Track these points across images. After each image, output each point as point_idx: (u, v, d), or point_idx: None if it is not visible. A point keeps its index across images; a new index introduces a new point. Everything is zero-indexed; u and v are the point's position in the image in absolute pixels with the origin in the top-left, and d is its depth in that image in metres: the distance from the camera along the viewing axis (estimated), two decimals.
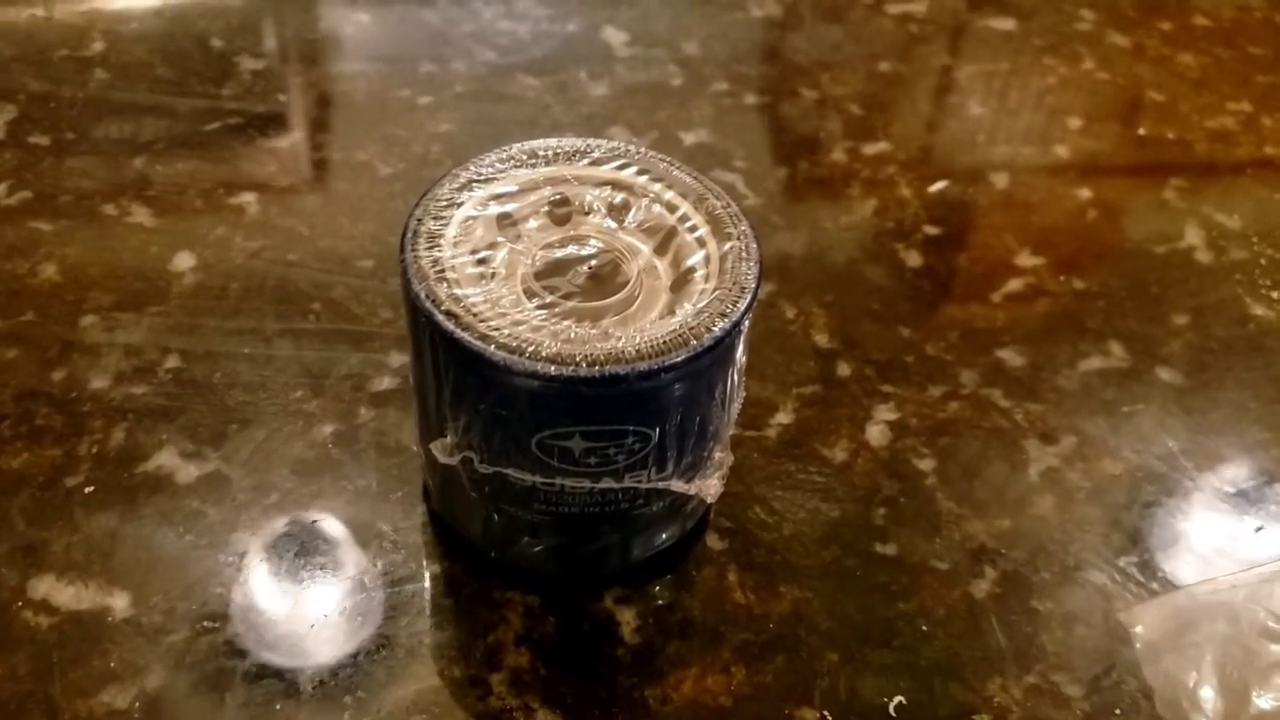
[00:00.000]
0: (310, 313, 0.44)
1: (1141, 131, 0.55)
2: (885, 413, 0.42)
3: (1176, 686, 0.31)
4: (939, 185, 0.51)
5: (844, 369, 0.43)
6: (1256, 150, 0.55)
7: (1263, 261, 0.49)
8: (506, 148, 0.35)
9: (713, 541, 0.38)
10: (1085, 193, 0.52)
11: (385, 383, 0.42)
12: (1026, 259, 0.48)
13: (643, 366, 0.29)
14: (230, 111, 0.53)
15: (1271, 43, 0.61)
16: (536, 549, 0.35)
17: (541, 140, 0.35)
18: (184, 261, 0.46)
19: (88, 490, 0.38)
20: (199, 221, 0.47)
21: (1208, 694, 0.31)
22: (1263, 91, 0.58)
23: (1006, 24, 0.61)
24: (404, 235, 0.32)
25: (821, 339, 0.44)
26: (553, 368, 0.29)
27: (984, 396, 0.43)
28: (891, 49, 0.59)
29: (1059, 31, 0.61)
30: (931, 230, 0.49)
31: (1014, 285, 0.47)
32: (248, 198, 0.49)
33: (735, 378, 0.32)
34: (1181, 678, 0.31)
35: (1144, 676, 0.33)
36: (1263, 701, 0.30)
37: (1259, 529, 0.39)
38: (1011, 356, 0.44)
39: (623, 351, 0.29)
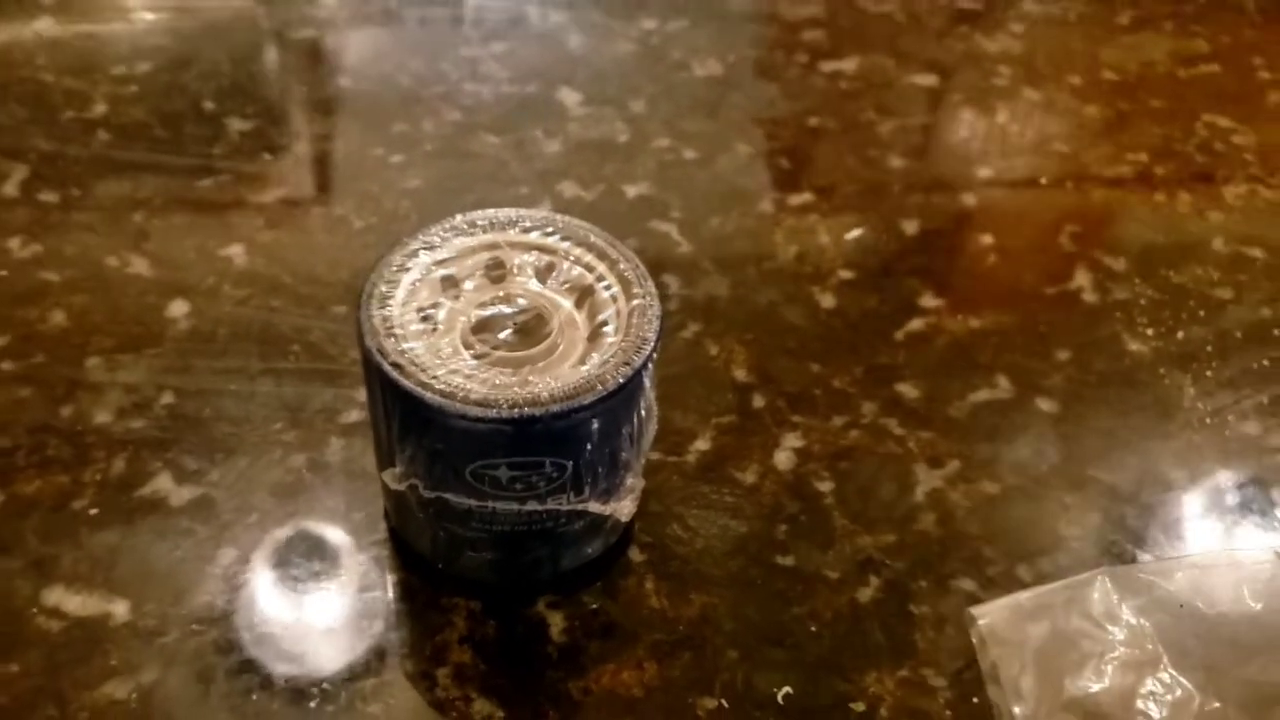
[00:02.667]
0: (290, 353, 0.50)
1: (1044, 180, 0.61)
2: (793, 440, 0.48)
3: (1003, 675, 0.36)
4: (855, 233, 0.57)
5: (759, 400, 0.49)
6: (1148, 197, 0.60)
7: (1142, 301, 0.54)
8: (451, 218, 0.40)
9: (634, 554, 0.44)
10: (988, 238, 0.57)
11: (354, 415, 0.47)
12: (929, 300, 0.54)
13: (556, 408, 0.35)
14: (221, 169, 0.59)
15: (1170, 94, 0.67)
16: (477, 562, 0.41)
17: (480, 211, 0.41)
18: (178, 308, 0.52)
19: (92, 512, 0.44)
20: (192, 271, 0.53)
21: (1027, 682, 0.36)
22: (1159, 141, 0.64)
23: (929, 80, 0.67)
24: (360, 296, 0.37)
25: (740, 373, 0.50)
26: (480, 410, 0.34)
27: (881, 425, 0.48)
28: (822, 105, 0.65)
29: (978, 87, 0.66)
30: (845, 274, 0.55)
31: (916, 324, 0.53)
32: (236, 249, 0.54)
33: (642, 414, 0.38)
34: (1008, 668, 0.36)
35: (980, 663, 0.38)
36: (1074, 689, 0.36)
37: (1113, 543, 0.45)
38: (909, 389, 0.50)
39: (539, 396, 0.35)
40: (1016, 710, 0.36)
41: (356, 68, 0.66)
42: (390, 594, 0.42)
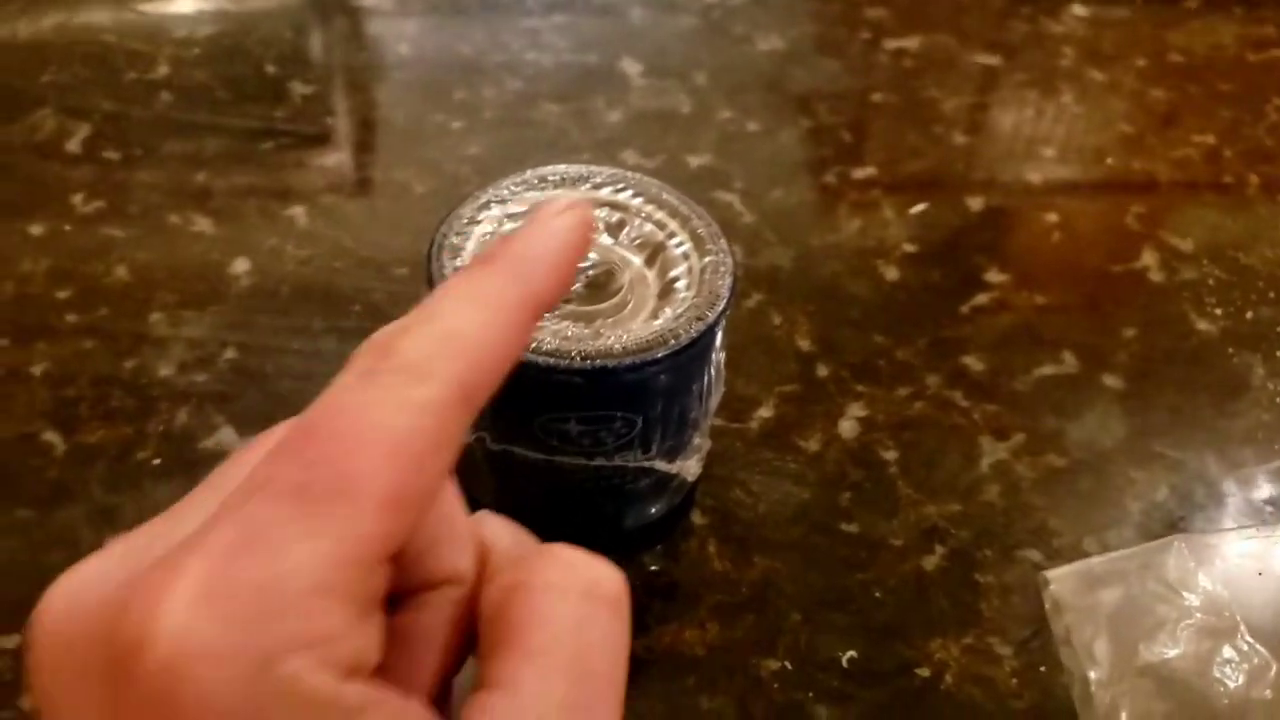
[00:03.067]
0: (352, 313, 0.50)
1: (1110, 161, 0.60)
2: (857, 409, 0.47)
3: (1076, 639, 0.36)
4: (919, 207, 0.56)
5: (822, 370, 0.49)
6: (1215, 179, 0.59)
7: (1210, 281, 0.54)
8: (521, 173, 0.40)
9: (697, 518, 0.43)
10: (1052, 216, 0.57)
11: None
12: (994, 275, 0.53)
13: (628, 361, 0.34)
14: (283, 132, 0.59)
15: (1239, 78, 0.66)
16: (540, 519, 0.40)
17: (551, 166, 0.40)
18: (241, 266, 0.52)
19: (155, 463, 0.44)
20: (254, 231, 0.53)
21: (1101, 647, 0.36)
22: (1226, 125, 0.63)
23: (993, 59, 0.66)
24: (430, 248, 0.37)
25: (804, 343, 0.50)
26: (553, 360, 0.34)
27: (946, 397, 0.48)
28: (885, 81, 0.64)
29: (1041, 67, 0.66)
30: (910, 248, 0.54)
31: (981, 299, 0.52)
32: (298, 210, 0.55)
33: (712, 374, 0.38)
34: (1080, 632, 0.36)
35: (1051, 629, 0.38)
36: (1149, 655, 0.35)
37: (1181, 518, 0.44)
38: (974, 362, 0.49)
39: (611, 348, 0.34)
40: (1091, 674, 0.35)
41: (417, 36, 0.66)
42: None
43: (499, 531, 0.24)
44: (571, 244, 0.24)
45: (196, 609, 0.17)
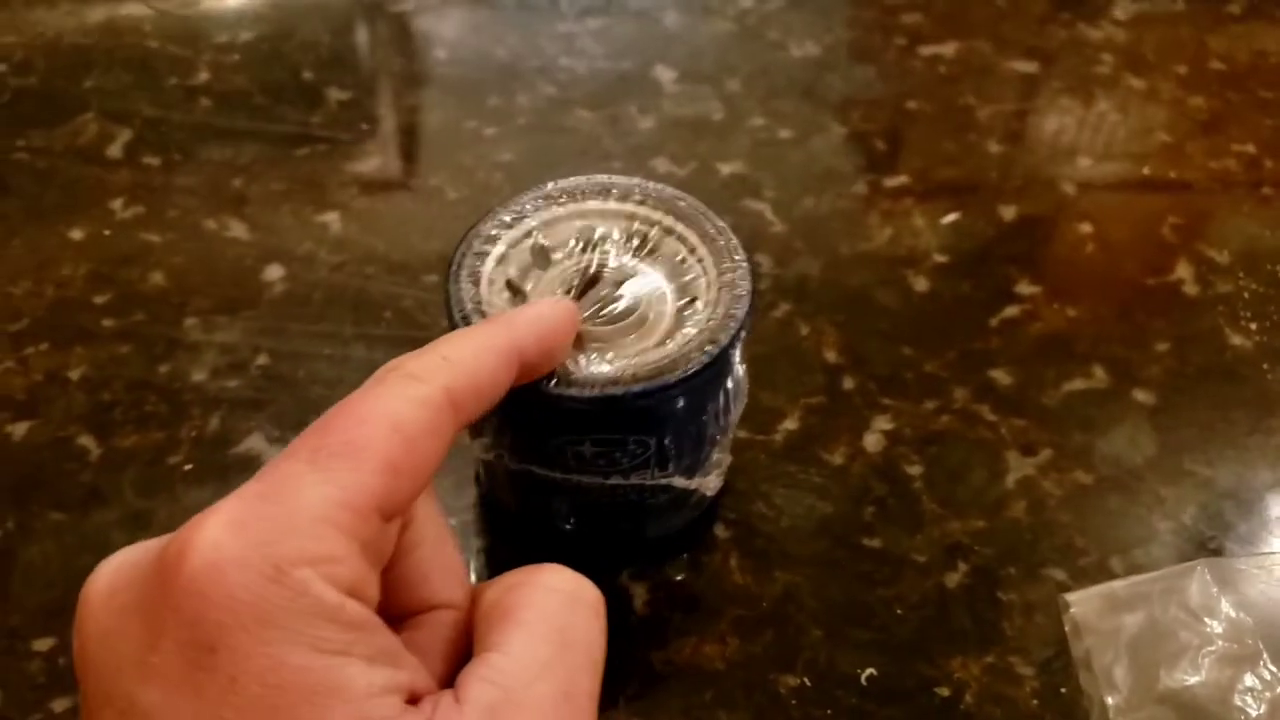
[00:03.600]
0: (382, 320, 0.51)
1: (1147, 170, 0.60)
2: (883, 423, 0.47)
3: (1096, 663, 0.36)
4: (951, 217, 0.56)
5: (849, 382, 0.49)
6: (1254, 190, 0.59)
7: (1246, 295, 0.53)
8: (541, 187, 0.40)
9: (719, 531, 0.43)
10: (1086, 227, 0.56)
11: None
12: (1025, 287, 0.53)
13: (638, 388, 0.34)
14: (319, 138, 0.59)
15: None
16: (561, 531, 0.41)
17: (571, 179, 0.40)
18: (274, 272, 0.52)
19: (187, 468, 0.45)
20: (288, 237, 0.54)
21: (1121, 672, 0.35)
22: (1269, 134, 0.62)
23: (1030, 66, 0.66)
24: (449, 268, 0.37)
25: (831, 354, 0.50)
26: (563, 389, 0.34)
27: (973, 411, 0.48)
28: (920, 89, 0.64)
29: (1078, 74, 0.65)
30: (940, 258, 0.54)
31: (1011, 311, 0.52)
32: (331, 216, 0.55)
33: (730, 392, 0.38)
34: (1101, 656, 0.36)
35: (1071, 652, 0.38)
36: (1170, 681, 0.35)
37: (1210, 538, 0.43)
38: (1002, 376, 0.49)
39: (622, 375, 0.34)
40: (1109, 700, 0.35)
41: (453, 41, 0.66)
42: (476, 561, 0.43)
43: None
44: (557, 320, 0.31)
45: (225, 530, 0.22)
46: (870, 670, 0.40)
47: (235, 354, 0.49)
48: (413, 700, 0.23)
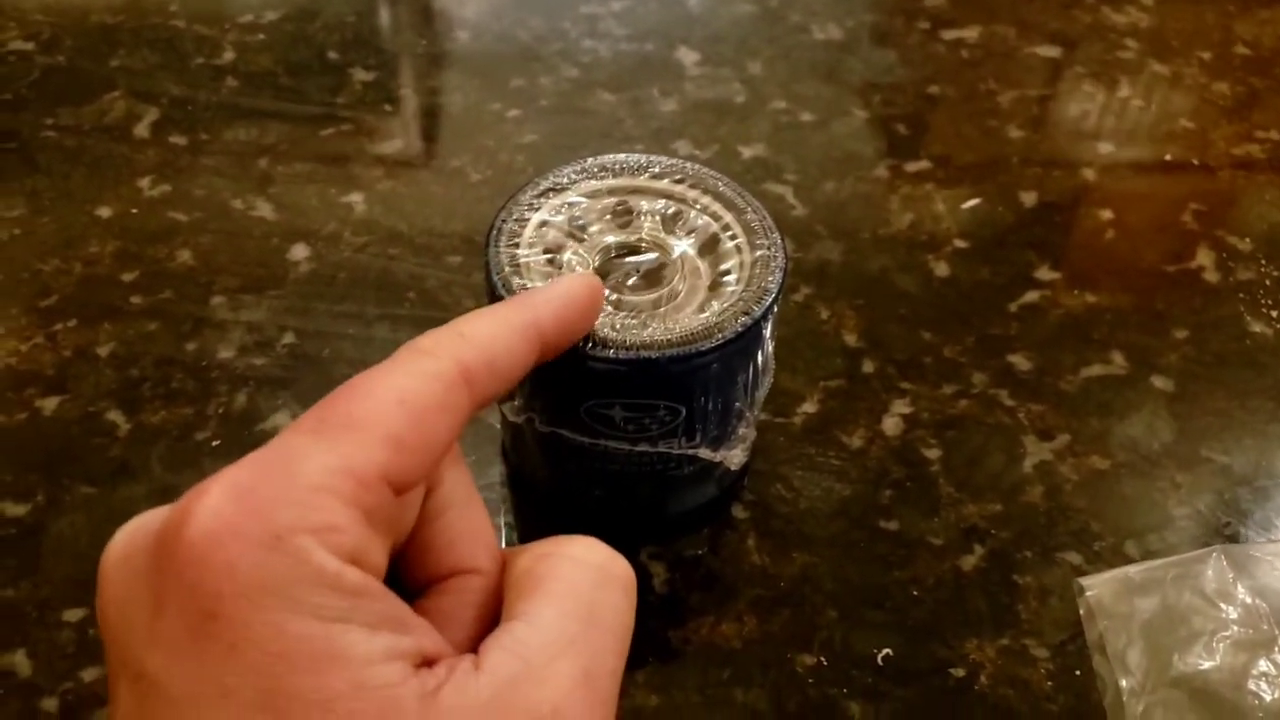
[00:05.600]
0: (406, 300, 0.51)
1: (1169, 156, 0.60)
2: (901, 406, 0.47)
3: (1110, 647, 0.36)
4: (971, 202, 0.56)
5: (868, 366, 0.49)
6: (1277, 176, 0.59)
7: (1267, 282, 0.53)
8: (581, 161, 0.41)
9: (737, 511, 0.44)
10: (1107, 213, 0.56)
11: None
12: (1045, 273, 0.53)
13: (672, 353, 0.35)
14: (343, 119, 0.60)
15: None
16: (586, 502, 0.41)
17: (610, 155, 0.41)
18: (300, 252, 0.53)
19: (214, 444, 0.46)
20: (313, 217, 0.55)
21: (1135, 656, 0.36)
22: None
23: (1053, 51, 0.66)
24: (489, 233, 0.38)
25: (850, 338, 0.50)
26: (599, 350, 0.35)
27: (991, 395, 0.48)
28: (942, 73, 0.64)
29: (1102, 60, 0.65)
30: (960, 244, 0.54)
31: (1030, 296, 0.52)
32: (356, 197, 0.56)
33: (759, 366, 0.38)
34: (1115, 640, 0.36)
35: (1086, 635, 0.38)
36: (1183, 665, 0.35)
37: (1226, 525, 0.44)
38: (1020, 361, 0.49)
39: (657, 339, 0.35)
40: (1123, 683, 0.36)
41: (476, 23, 0.66)
42: (501, 538, 0.43)
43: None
44: (578, 297, 0.31)
45: (225, 498, 0.22)
46: (886, 650, 0.40)
47: (261, 332, 0.50)
48: (427, 664, 0.23)
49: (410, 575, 0.27)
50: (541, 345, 0.30)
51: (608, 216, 0.40)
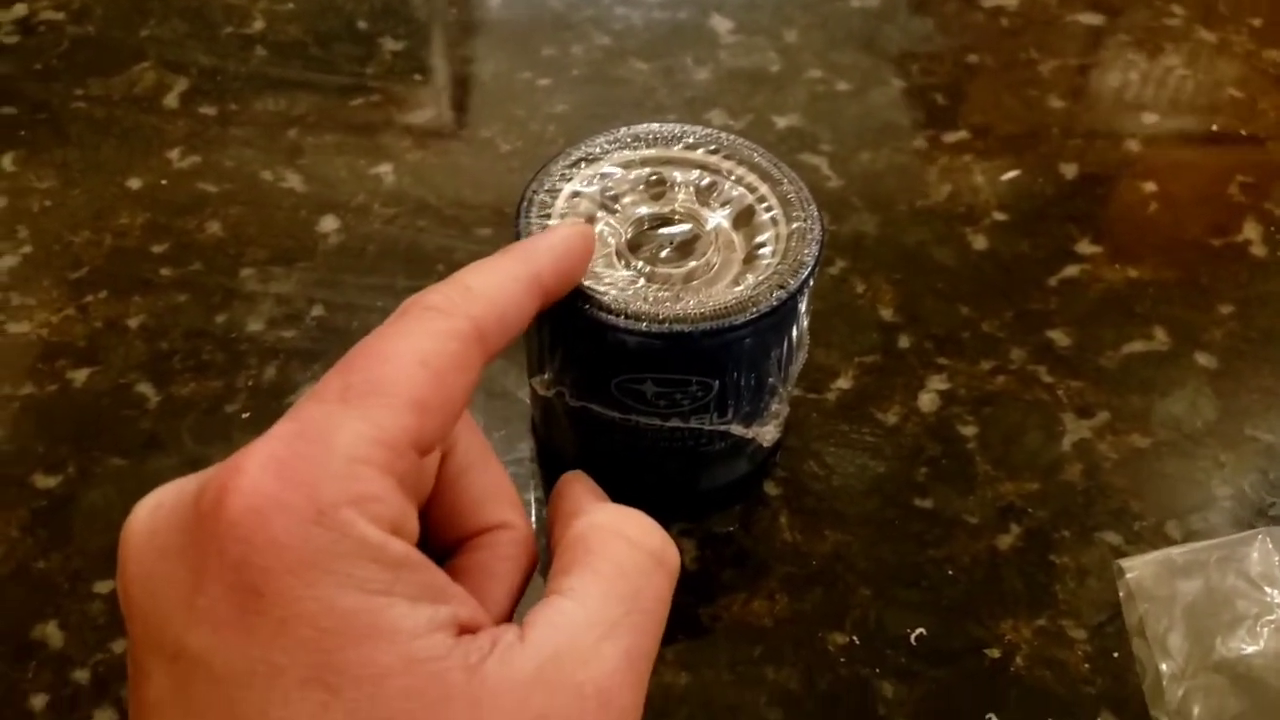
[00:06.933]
0: (435, 273, 0.51)
1: (1215, 127, 0.58)
2: (938, 382, 0.47)
3: (1150, 630, 0.35)
4: (1011, 174, 0.55)
5: (904, 341, 0.48)
6: None
7: None
8: (614, 130, 0.40)
9: (769, 488, 0.43)
10: (1150, 185, 0.55)
11: None
12: (1086, 247, 0.52)
13: (705, 326, 0.34)
14: (372, 89, 0.59)
15: None
16: (616, 476, 0.41)
17: (644, 125, 0.40)
18: (329, 224, 0.53)
19: (244, 416, 0.45)
20: (343, 188, 0.54)
21: (1176, 640, 0.35)
22: None
23: (1095, 19, 0.64)
24: (520, 204, 0.37)
25: (886, 313, 0.49)
26: (630, 323, 0.34)
27: (1030, 372, 0.47)
28: (981, 41, 0.63)
29: (1147, 27, 0.64)
30: (999, 216, 0.53)
31: (1070, 270, 0.51)
32: (385, 168, 0.55)
33: (794, 341, 0.37)
34: (1155, 623, 0.35)
35: (1125, 617, 0.37)
36: (1226, 650, 0.35)
37: (1271, 505, 0.43)
38: (1060, 336, 0.48)
39: (690, 313, 0.34)
40: (1163, 667, 0.35)
41: None
42: (531, 513, 0.43)
43: (582, 488, 0.30)
44: (573, 245, 0.31)
45: (265, 473, 0.21)
46: (920, 630, 0.39)
47: (291, 305, 0.49)
48: (466, 631, 0.23)
49: (437, 537, 0.28)
50: (543, 296, 0.29)
51: (640, 187, 0.39)
